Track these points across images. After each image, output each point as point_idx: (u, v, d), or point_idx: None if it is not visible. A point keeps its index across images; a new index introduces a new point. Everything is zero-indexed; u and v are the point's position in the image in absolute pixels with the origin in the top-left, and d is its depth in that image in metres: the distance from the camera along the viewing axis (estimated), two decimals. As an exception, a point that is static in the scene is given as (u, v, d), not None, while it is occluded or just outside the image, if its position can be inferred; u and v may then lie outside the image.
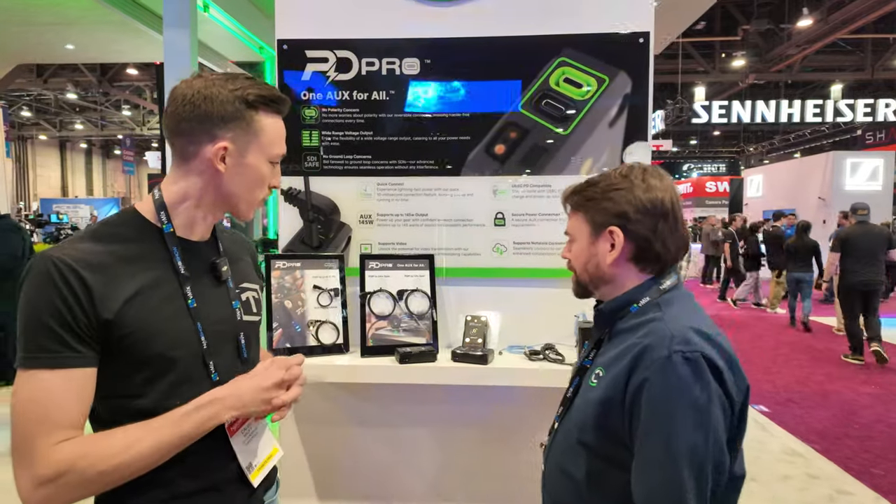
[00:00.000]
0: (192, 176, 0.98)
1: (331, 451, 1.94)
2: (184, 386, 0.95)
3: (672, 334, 0.93)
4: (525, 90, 1.83)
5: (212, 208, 1.02)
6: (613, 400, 0.95)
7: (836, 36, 13.57)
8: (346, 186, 1.88)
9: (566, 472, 1.04)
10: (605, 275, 1.07)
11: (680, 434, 0.88)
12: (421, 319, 1.80)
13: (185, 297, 0.97)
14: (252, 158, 0.99)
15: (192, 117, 0.95)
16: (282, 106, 1.02)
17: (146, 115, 19.96)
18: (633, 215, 1.02)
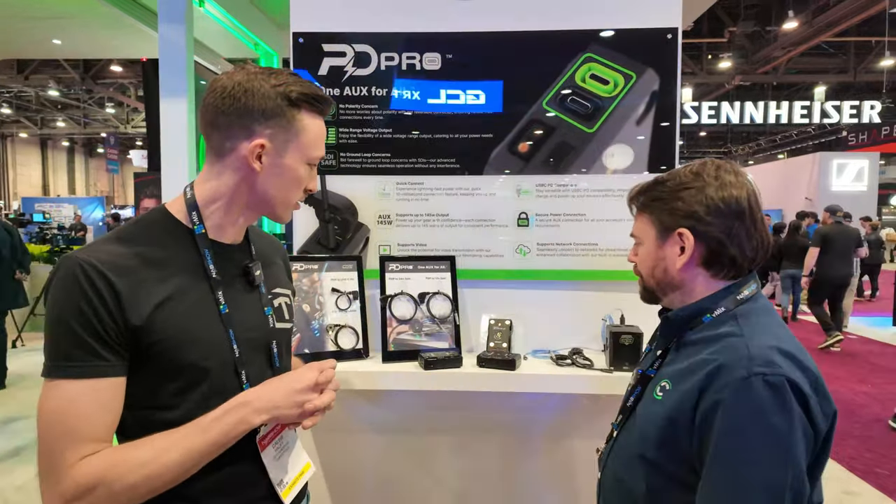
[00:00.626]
0: (226, 174, 0.93)
1: (348, 460, 1.87)
2: (215, 398, 0.89)
3: (751, 354, 0.86)
4: (549, 88, 1.78)
5: (245, 209, 0.97)
6: (681, 420, 0.89)
7: (821, 38, 13.77)
8: (363, 185, 1.82)
9: (625, 484, 1.00)
10: (674, 280, 1.00)
11: (755, 466, 0.82)
12: (443, 323, 1.74)
13: (217, 302, 0.91)
14: (290, 159, 0.94)
15: (231, 111, 0.90)
16: (325, 106, 0.97)
17: (130, 112, 19.61)
18: (704, 216, 0.95)
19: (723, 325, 0.94)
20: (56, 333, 0.81)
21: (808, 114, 14.39)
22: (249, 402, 0.88)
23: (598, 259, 1.81)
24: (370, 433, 1.86)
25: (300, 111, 0.93)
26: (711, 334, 0.94)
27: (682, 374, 0.93)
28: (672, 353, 1.00)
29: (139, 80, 15.28)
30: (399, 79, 1.79)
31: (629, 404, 1.05)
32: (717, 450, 0.84)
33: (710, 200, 0.95)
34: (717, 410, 0.84)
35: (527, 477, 1.86)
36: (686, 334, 0.98)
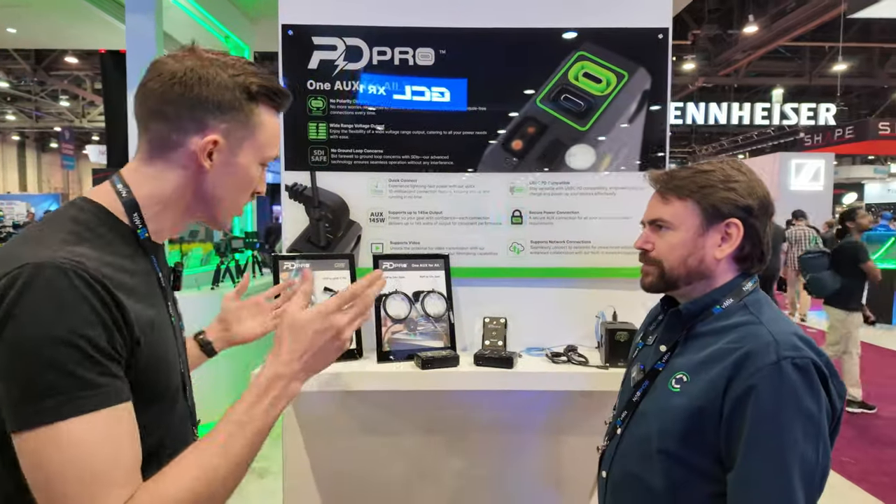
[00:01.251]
0: (169, 172, 0.81)
1: (340, 462, 1.83)
2: (183, 419, 0.85)
3: (777, 339, 0.89)
4: (542, 86, 1.77)
5: (184, 213, 0.85)
6: (708, 409, 0.90)
7: (779, 43, 14.29)
8: (355, 182, 1.78)
9: (642, 480, 0.99)
10: (707, 270, 0.99)
11: (793, 445, 0.84)
12: (438, 322, 1.72)
13: (169, 314, 0.85)
14: (244, 158, 0.84)
15: (182, 100, 0.78)
16: (284, 101, 0.88)
17: (86, 106, 18.83)
18: (756, 209, 0.97)
19: (734, 315, 0.96)
20: (57, 362, 0.63)
21: (769, 115, 14.95)
22: (280, 375, 0.77)
23: (590, 256, 1.82)
24: (363, 435, 1.83)
25: (258, 105, 0.83)
26: (725, 324, 0.96)
27: (701, 364, 0.94)
28: (681, 346, 1.01)
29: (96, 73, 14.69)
30: (391, 74, 1.76)
31: (635, 399, 1.05)
32: (754, 432, 0.85)
33: (759, 195, 0.98)
34: (749, 396, 0.86)
35: (522, 475, 1.85)
36: (696, 326, 0.99)
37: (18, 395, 0.63)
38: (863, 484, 3.29)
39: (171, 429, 0.82)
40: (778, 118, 15.13)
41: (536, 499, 1.87)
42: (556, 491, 1.87)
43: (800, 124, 15.54)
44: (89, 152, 18.57)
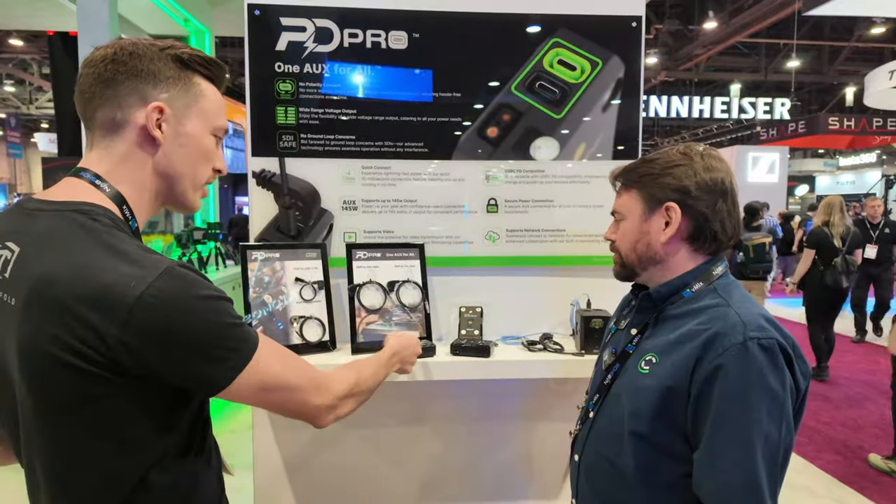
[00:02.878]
0: (131, 157, 0.81)
1: (312, 456, 1.79)
2: None
3: (744, 320, 0.91)
4: (518, 72, 1.75)
5: (154, 200, 0.86)
6: (676, 388, 0.92)
7: (736, 39, 14.70)
8: (326, 169, 1.72)
9: (613, 462, 1.01)
10: (657, 254, 1.03)
11: (757, 423, 0.86)
12: (413, 312, 1.69)
13: None
14: (192, 126, 0.84)
15: (118, 77, 0.78)
16: (218, 72, 0.88)
17: (34, 91, 17.88)
18: (693, 191, 0.98)
19: (704, 297, 0.98)
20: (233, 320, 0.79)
21: (728, 109, 15.39)
22: (398, 353, 1.30)
23: (565, 245, 1.82)
24: (335, 427, 1.78)
25: (195, 74, 0.84)
26: (695, 307, 0.98)
27: (670, 345, 0.96)
28: (651, 328, 1.03)
29: (44, 56, 13.94)
30: (364, 57, 1.70)
31: (606, 382, 1.07)
32: (720, 410, 0.87)
33: (699, 177, 0.99)
34: (717, 375, 0.88)
35: (498, 462, 1.85)
36: (666, 309, 1.02)
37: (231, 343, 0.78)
38: (817, 462, 3.44)
39: None
40: (736, 112, 15.62)
41: (512, 485, 1.87)
42: (530, 476, 1.87)
43: (757, 118, 16.07)
44: (38, 140, 17.67)
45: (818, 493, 3.10)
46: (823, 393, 4.68)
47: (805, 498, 3.04)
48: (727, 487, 0.87)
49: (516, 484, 1.87)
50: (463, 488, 1.85)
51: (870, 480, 3.20)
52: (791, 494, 3.04)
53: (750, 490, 0.86)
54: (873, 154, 20.46)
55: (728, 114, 15.60)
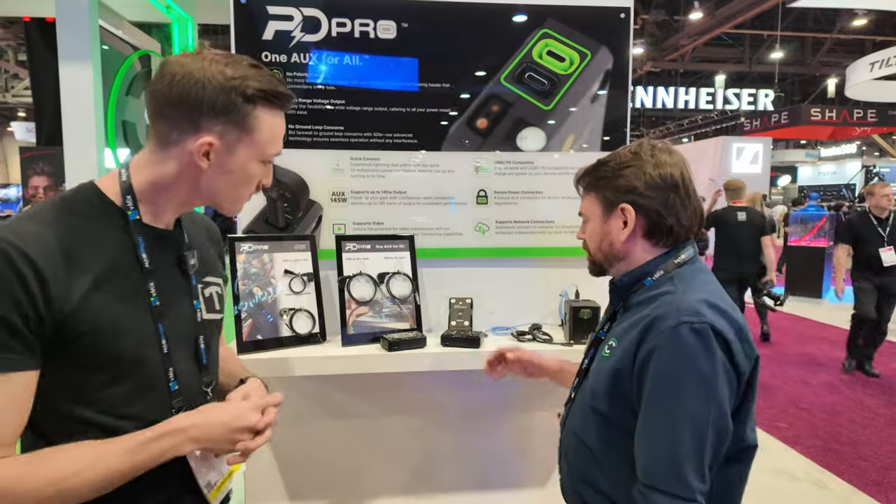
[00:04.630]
0: (169, 164, 0.87)
1: (304, 449, 1.79)
2: (142, 396, 0.86)
3: (681, 306, 0.95)
4: (507, 63, 1.75)
5: (185, 200, 0.91)
6: (624, 369, 0.98)
7: (721, 30, 14.79)
8: (315, 160, 1.71)
9: (581, 439, 1.08)
10: (619, 252, 1.08)
11: (683, 402, 0.91)
12: (403, 304, 1.69)
13: (149, 293, 0.86)
14: (240, 158, 0.87)
15: (179, 102, 0.83)
16: (284, 102, 0.90)
17: (10, 79, 17.44)
18: (643, 190, 1.04)
19: (662, 286, 1.03)
20: None
21: (713, 100, 15.52)
22: (184, 430, 0.84)
23: (554, 236, 1.83)
24: (327, 418, 1.79)
25: (255, 107, 0.86)
26: (651, 294, 1.03)
27: (625, 330, 1.02)
28: (619, 315, 1.10)
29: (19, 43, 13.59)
30: (352, 47, 1.69)
31: (584, 366, 1.14)
32: (651, 389, 0.94)
33: (647, 177, 1.04)
34: (651, 357, 0.94)
35: (487, 452, 1.87)
36: (631, 297, 1.08)
37: None
38: (797, 447, 3.52)
39: (123, 402, 0.84)
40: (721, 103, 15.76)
41: (502, 473, 1.89)
42: (520, 464, 1.89)
43: (741, 109, 16.23)
44: (15, 129, 17.25)
45: (798, 476, 3.18)
46: (803, 379, 4.78)
47: (785, 482, 3.12)
48: (652, 460, 0.93)
49: (506, 472, 1.90)
50: (453, 477, 1.87)
51: (848, 464, 3.29)
52: (771, 479, 3.12)
53: (672, 465, 0.91)
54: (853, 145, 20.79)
55: (713, 104, 15.74)
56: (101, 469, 0.77)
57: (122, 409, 0.83)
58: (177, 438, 0.83)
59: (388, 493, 1.85)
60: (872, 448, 3.49)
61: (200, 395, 0.95)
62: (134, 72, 3.07)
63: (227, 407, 0.90)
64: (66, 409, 0.81)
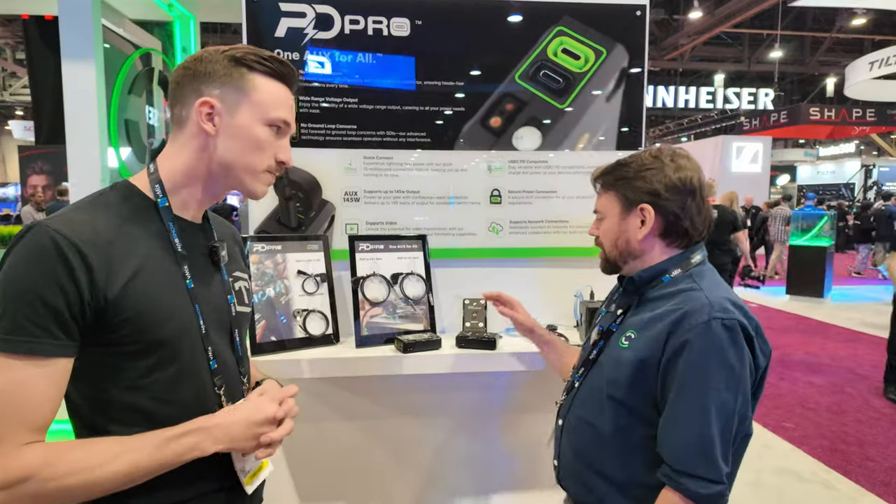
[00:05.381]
0: (186, 146, 0.91)
1: (316, 451, 1.77)
2: (185, 379, 0.88)
3: (711, 302, 1.01)
4: (522, 60, 1.73)
5: (209, 183, 0.94)
6: (650, 360, 1.03)
7: (721, 29, 14.80)
8: (327, 159, 1.69)
9: (591, 424, 1.13)
10: (635, 250, 1.13)
11: (715, 391, 0.97)
12: (417, 304, 1.67)
13: (184, 276, 0.90)
14: (242, 118, 0.90)
15: (184, 80, 0.90)
16: (281, 67, 0.93)
17: (8, 77, 17.36)
18: (664, 193, 1.08)
19: (681, 282, 1.09)
20: (14, 304, 0.75)
21: (713, 99, 15.53)
22: (208, 430, 0.85)
23: (568, 236, 1.81)
24: (341, 420, 1.77)
25: (250, 71, 0.90)
26: (671, 290, 1.08)
27: (647, 323, 1.07)
28: (633, 309, 1.14)
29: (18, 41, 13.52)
30: (365, 44, 1.67)
31: (592, 357, 1.18)
32: (683, 378, 0.99)
33: (668, 180, 1.08)
34: (683, 348, 0.99)
35: (501, 453, 1.85)
36: (647, 292, 1.12)
37: None
38: (803, 447, 3.51)
39: (169, 387, 0.86)
40: (721, 102, 15.77)
41: (516, 475, 1.88)
42: (535, 466, 1.87)
43: (741, 108, 16.24)
44: (13, 128, 17.18)
45: (805, 477, 3.17)
46: (808, 379, 4.77)
47: (793, 482, 3.11)
48: (683, 446, 0.99)
49: (520, 474, 1.88)
50: (467, 480, 1.85)
51: (855, 464, 3.28)
52: (778, 479, 3.11)
53: (702, 448, 0.97)
54: (852, 144, 20.82)
55: (713, 103, 15.76)
56: (124, 462, 0.78)
57: (168, 394, 0.86)
58: (201, 436, 0.84)
59: (402, 495, 1.83)
60: (879, 448, 3.49)
61: (238, 384, 0.98)
62: (136, 70, 3.04)
63: (245, 404, 0.92)
64: (113, 397, 0.83)
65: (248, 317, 1.07)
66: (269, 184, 0.97)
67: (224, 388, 0.94)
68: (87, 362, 0.81)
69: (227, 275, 1.00)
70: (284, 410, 0.93)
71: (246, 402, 0.92)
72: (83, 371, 0.81)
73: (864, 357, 5.43)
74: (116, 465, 0.77)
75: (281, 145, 0.95)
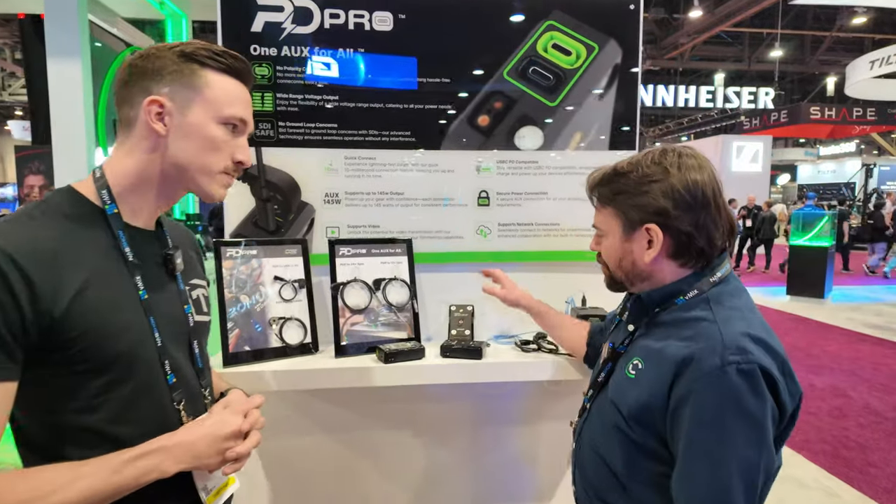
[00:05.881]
0: (136, 149, 0.86)
1: (295, 466, 1.69)
2: (142, 397, 0.83)
3: (725, 341, 0.86)
4: (510, 56, 1.66)
5: (162, 186, 0.89)
6: (655, 403, 0.90)
7: (721, 28, 14.74)
8: (307, 160, 1.62)
9: (601, 455, 1.02)
10: (643, 272, 1.00)
11: (732, 448, 0.83)
12: (401, 312, 1.60)
13: (136, 286, 0.84)
14: (195, 117, 0.85)
15: (130, 79, 0.85)
16: (234, 63, 0.89)
17: (7, 77, 17.29)
18: (672, 210, 0.93)
19: (695, 308, 0.94)
20: None
21: (713, 98, 15.48)
22: (168, 449, 0.80)
23: (559, 240, 1.74)
24: (321, 433, 1.70)
25: (202, 67, 0.86)
26: (684, 316, 0.94)
27: (655, 355, 0.94)
28: (642, 330, 1.01)
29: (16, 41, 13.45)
30: (346, 40, 1.59)
31: (600, 379, 1.06)
32: (694, 433, 0.85)
33: (676, 193, 0.92)
34: (689, 398, 0.85)
35: (490, 467, 1.78)
36: (658, 314, 0.98)
37: None
38: (804, 452, 3.44)
39: (125, 405, 0.81)
40: (721, 101, 15.72)
41: (505, 489, 1.80)
42: (524, 479, 1.80)
43: (741, 107, 16.17)
44: (12, 128, 17.12)
45: (807, 483, 3.09)
46: (809, 382, 4.70)
47: (794, 489, 3.04)
48: None
49: (510, 488, 1.81)
50: (454, 494, 1.78)
51: (857, 471, 3.21)
52: (779, 486, 3.02)
53: None
54: (852, 143, 20.74)
55: (713, 103, 15.70)
56: (78, 490, 0.72)
57: (124, 413, 0.81)
58: (161, 457, 0.78)
59: (385, 510, 1.76)
60: (882, 453, 3.41)
61: (199, 397, 0.93)
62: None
63: (208, 418, 0.87)
64: (65, 420, 0.78)
65: (208, 326, 1.02)
66: (226, 185, 0.92)
67: (184, 402, 0.89)
68: (35, 385, 0.75)
69: (184, 283, 0.95)
70: (250, 423, 0.88)
71: (209, 417, 0.87)
72: (31, 394, 0.75)
73: (865, 359, 5.35)
74: (70, 493, 0.71)
75: (238, 144, 0.90)
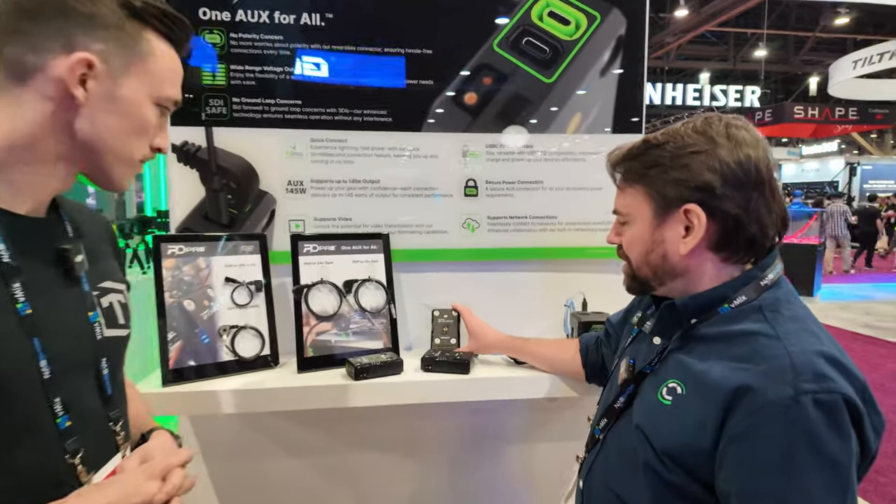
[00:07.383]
0: (27, 106, 0.64)
1: (259, 495, 1.47)
2: (20, 445, 0.62)
3: (795, 365, 0.67)
4: (500, 25, 1.45)
5: (59, 166, 0.68)
6: (700, 442, 0.72)
7: (706, 27, 14.75)
8: (266, 142, 1.39)
9: (620, 497, 0.83)
10: (676, 268, 0.81)
11: (806, 494, 0.65)
12: (376, 318, 1.38)
13: (13, 299, 0.63)
14: (132, 91, 0.68)
15: (44, 12, 0.63)
16: (180, 32, 0.72)
17: None
18: (719, 188, 0.75)
19: (746, 319, 0.76)
20: None
21: (700, 96, 15.52)
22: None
23: (557, 235, 1.53)
24: (284, 458, 1.47)
25: (147, 29, 0.68)
26: (734, 330, 0.75)
27: (699, 377, 0.75)
28: (675, 344, 0.82)
29: None
30: (311, 3, 1.37)
31: (618, 405, 0.87)
32: (753, 488, 0.67)
33: (724, 167, 0.75)
34: (748, 437, 0.68)
35: (479, 493, 1.57)
36: (697, 328, 0.79)
37: None
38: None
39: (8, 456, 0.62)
40: (708, 99, 15.78)
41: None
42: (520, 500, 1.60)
43: (727, 106, 16.25)
44: None
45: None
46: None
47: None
48: None
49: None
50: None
51: (866, 480, 3.06)
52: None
53: None
54: (834, 143, 20.97)
55: (700, 101, 15.74)
56: None
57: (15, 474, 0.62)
58: None
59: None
60: (887, 459, 3.27)
61: (106, 435, 0.74)
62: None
63: (115, 482, 0.67)
64: None
65: (125, 342, 0.81)
66: (135, 174, 0.75)
67: (83, 452, 0.67)
68: None
69: (91, 286, 0.74)
70: (167, 492, 0.68)
71: (116, 480, 0.67)
72: None
73: (860, 359, 5.25)
74: None
75: (162, 127, 0.74)
